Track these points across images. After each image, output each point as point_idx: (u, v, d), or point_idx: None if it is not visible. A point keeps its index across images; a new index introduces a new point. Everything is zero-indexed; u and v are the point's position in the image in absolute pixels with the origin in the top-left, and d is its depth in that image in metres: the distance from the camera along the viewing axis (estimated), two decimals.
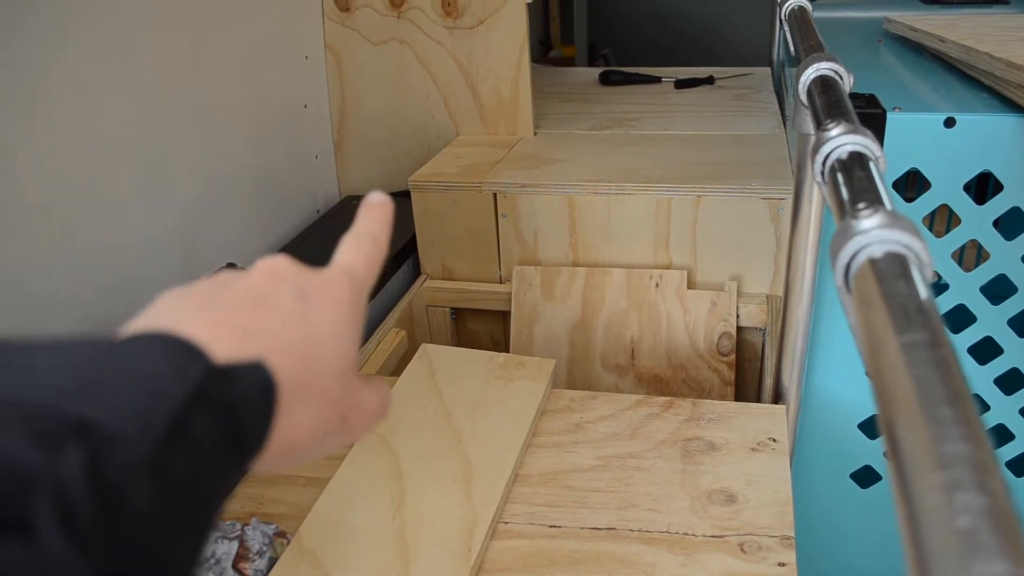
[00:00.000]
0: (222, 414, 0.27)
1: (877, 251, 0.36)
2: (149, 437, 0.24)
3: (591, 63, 2.84)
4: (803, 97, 0.69)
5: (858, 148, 0.50)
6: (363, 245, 0.38)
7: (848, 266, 0.37)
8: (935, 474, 0.24)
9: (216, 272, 0.34)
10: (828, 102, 0.61)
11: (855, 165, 0.48)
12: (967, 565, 0.20)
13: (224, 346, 0.28)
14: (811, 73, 0.69)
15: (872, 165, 0.48)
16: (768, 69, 1.70)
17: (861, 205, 0.39)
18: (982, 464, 0.24)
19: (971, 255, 1.20)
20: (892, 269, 0.35)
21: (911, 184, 0.93)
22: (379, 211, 0.40)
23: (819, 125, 0.55)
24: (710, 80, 1.63)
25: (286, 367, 0.30)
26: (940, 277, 0.91)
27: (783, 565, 0.64)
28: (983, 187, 0.97)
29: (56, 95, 0.82)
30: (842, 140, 0.51)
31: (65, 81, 0.83)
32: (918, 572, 0.22)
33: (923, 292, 0.33)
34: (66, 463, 0.22)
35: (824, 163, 0.51)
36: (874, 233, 0.37)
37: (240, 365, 0.28)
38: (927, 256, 0.37)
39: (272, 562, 0.65)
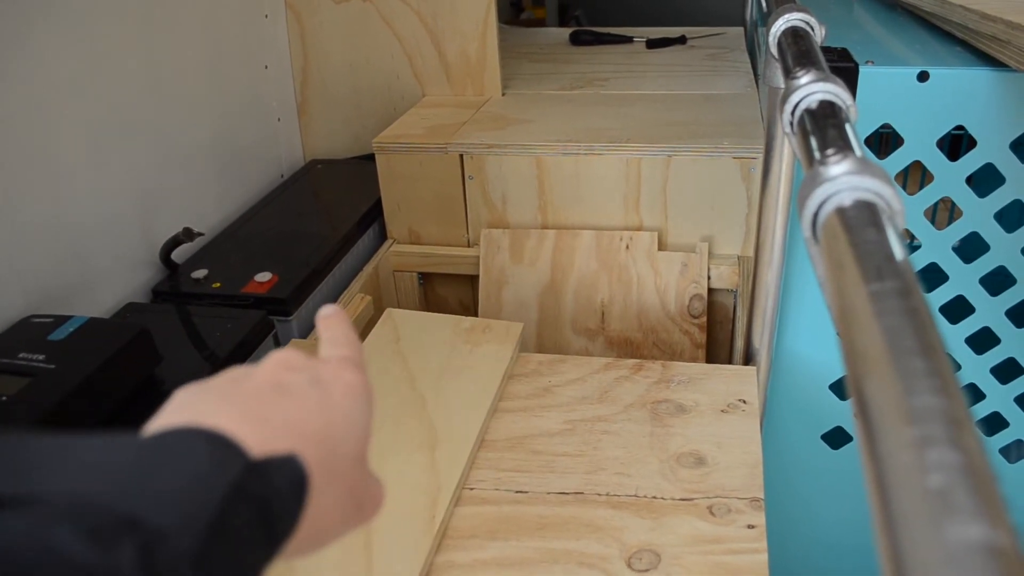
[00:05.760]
0: (259, 508, 0.28)
1: (846, 199, 0.34)
2: (194, 532, 0.25)
3: (562, 24, 2.79)
4: (773, 49, 0.66)
5: (828, 96, 0.48)
6: (342, 344, 0.39)
7: (816, 215, 0.35)
8: (905, 429, 0.22)
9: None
10: (798, 52, 0.58)
11: (825, 113, 0.46)
12: (939, 527, 0.19)
13: (254, 438, 0.29)
14: (781, 24, 0.67)
15: (843, 113, 0.46)
16: (741, 29, 1.68)
17: (830, 151, 0.37)
18: (956, 418, 0.22)
19: (943, 215, 1.19)
20: (862, 217, 0.33)
21: (884, 147, 0.91)
22: (336, 319, 0.41)
23: (788, 75, 0.53)
24: (682, 40, 1.60)
25: (312, 455, 0.31)
26: (913, 237, 0.90)
27: (752, 527, 0.63)
28: (956, 147, 0.96)
29: None
30: (812, 88, 0.49)
31: (7, 44, 0.79)
32: (886, 535, 0.20)
33: (894, 241, 0.32)
34: (121, 558, 0.23)
35: (793, 113, 0.49)
36: (843, 180, 0.35)
37: (274, 459, 0.30)
38: (899, 204, 0.35)
39: None
